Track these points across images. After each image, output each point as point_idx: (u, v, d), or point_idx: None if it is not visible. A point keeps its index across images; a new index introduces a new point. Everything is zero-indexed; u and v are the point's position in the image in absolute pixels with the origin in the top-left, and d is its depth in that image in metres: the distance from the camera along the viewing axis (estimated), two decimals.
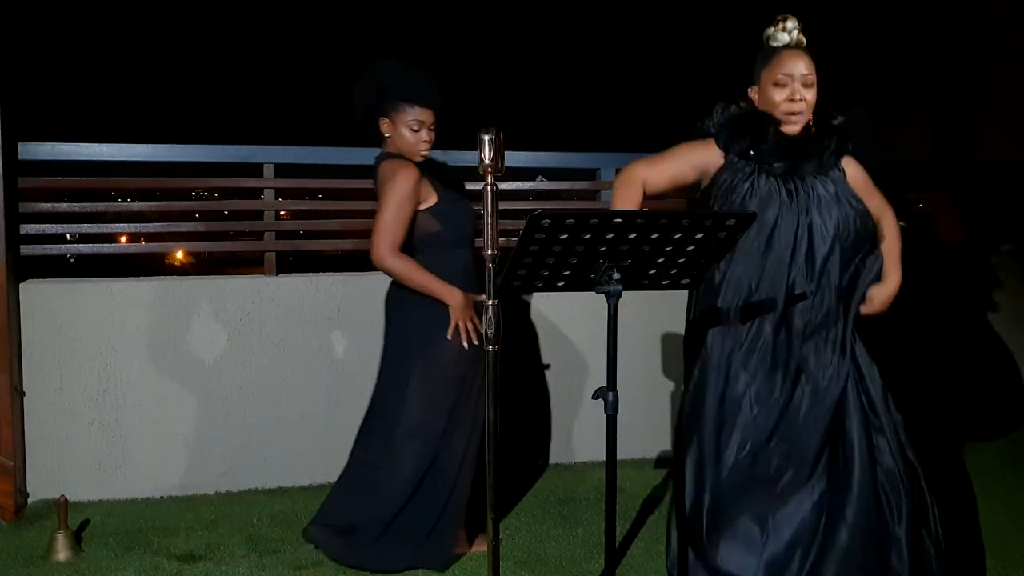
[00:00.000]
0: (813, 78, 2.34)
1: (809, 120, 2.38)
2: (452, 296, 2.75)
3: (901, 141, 5.25)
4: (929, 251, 4.56)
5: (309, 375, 3.63)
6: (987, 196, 4.65)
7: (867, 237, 2.40)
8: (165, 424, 3.48)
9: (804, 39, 2.39)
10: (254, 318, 3.57)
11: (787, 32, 2.37)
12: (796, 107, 2.33)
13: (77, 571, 2.79)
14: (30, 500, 3.36)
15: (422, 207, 2.79)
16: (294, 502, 3.41)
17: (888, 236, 2.48)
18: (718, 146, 2.43)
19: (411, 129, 2.79)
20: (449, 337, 2.76)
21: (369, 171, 4.03)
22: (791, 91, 2.33)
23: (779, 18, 2.39)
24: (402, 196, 2.72)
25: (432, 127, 2.83)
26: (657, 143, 2.57)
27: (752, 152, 2.37)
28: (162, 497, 3.45)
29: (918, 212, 4.92)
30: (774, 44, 2.39)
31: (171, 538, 3.05)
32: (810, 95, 2.34)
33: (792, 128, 2.35)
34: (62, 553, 2.86)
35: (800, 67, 2.33)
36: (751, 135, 2.37)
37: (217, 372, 3.53)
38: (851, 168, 2.45)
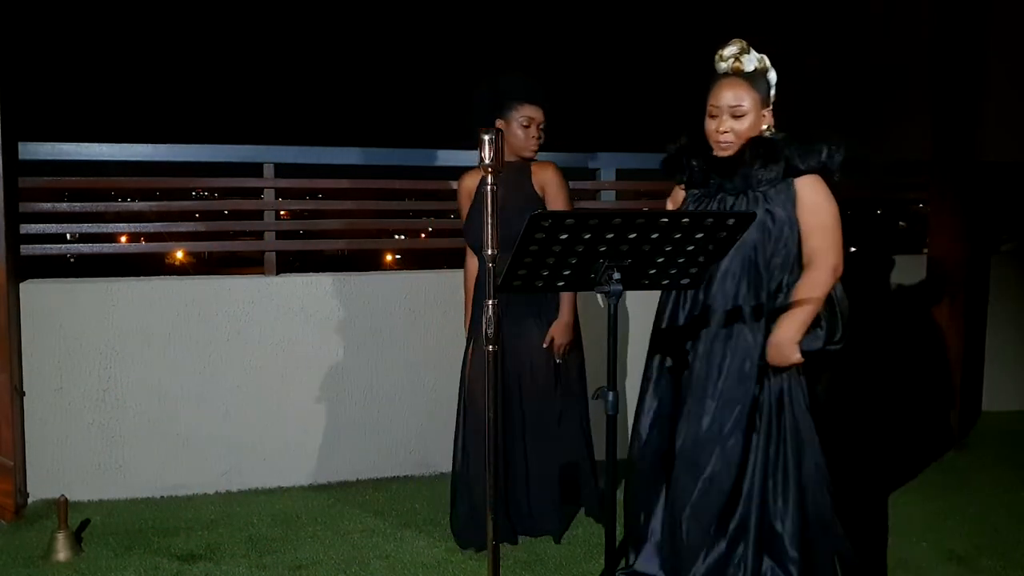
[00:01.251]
0: (744, 108, 2.35)
1: (744, 146, 2.38)
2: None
3: (901, 141, 5.24)
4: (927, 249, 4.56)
5: (309, 375, 3.63)
6: (988, 196, 4.64)
7: (789, 255, 2.34)
8: (165, 424, 3.49)
9: (744, 65, 2.36)
10: (254, 318, 3.57)
11: (724, 61, 2.40)
12: (721, 137, 2.38)
13: (77, 571, 2.79)
14: (30, 500, 3.36)
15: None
16: (294, 502, 3.41)
17: (802, 282, 2.32)
18: (677, 184, 2.60)
19: (522, 126, 2.95)
20: None
21: (368, 172, 4.04)
22: (718, 122, 2.38)
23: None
24: (459, 204, 3.13)
25: (541, 126, 2.98)
26: (657, 143, 2.61)
27: (693, 180, 2.51)
28: (162, 497, 3.46)
29: (918, 212, 4.92)
30: (717, 72, 2.42)
31: (171, 538, 3.05)
32: (740, 124, 2.36)
33: (723, 154, 2.41)
34: (62, 553, 2.86)
35: (729, 98, 2.36)
36: (686, 167, 2.50)
37: (217, 372, 3.53)
38: (808, 193, 2.33)
